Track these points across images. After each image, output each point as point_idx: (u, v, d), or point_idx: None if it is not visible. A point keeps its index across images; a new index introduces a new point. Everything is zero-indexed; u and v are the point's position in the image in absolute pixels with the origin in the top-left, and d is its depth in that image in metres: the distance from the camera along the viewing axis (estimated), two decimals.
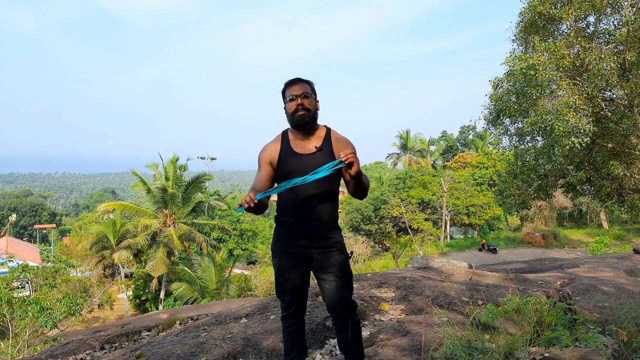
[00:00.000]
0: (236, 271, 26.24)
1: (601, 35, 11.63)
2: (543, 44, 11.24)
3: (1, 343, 8.21)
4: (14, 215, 47.96)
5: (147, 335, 5.04)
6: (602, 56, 10.48)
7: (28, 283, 14.94)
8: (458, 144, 59.74)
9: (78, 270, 22.78)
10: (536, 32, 11.98)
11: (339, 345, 2.57)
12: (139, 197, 24.88)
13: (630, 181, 12.55)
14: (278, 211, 2.44)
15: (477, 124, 33.37)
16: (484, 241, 32.94)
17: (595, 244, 22.42)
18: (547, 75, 10.50)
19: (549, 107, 10.59)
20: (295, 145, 2.38)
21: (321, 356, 3.39)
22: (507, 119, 12.75)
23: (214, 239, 26.14)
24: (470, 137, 58.47)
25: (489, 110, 12.83)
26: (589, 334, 2.76)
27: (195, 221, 23.07)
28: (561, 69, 10.78)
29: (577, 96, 10.45)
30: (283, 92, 2.40)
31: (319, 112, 2.43)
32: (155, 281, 22.68)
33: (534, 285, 5.38)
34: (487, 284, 5.30)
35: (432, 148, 57.67)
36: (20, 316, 7.18)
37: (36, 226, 50.76)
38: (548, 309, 3.00)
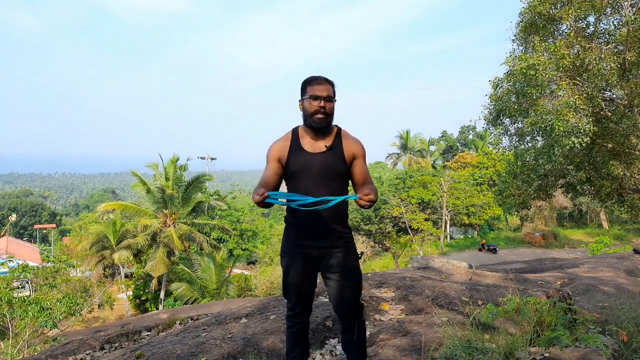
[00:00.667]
0: (236, 271, 26.21)
1: (601, 35, 11.63)
2: (543, 44, 11.24)
3: (1, 343, 8.21)
4: (14, 215, 47.87)
5: (147, 335, 5.05)
6: (602, 56, 10.48)
7: (28, 283, 14.93)
8: (458, 144, 59.74)
9: (78, 270, 22.79)
10: (536, 32, 11.98)
11: (343, 345, 2.56)
12: (139, 197, 24.88)
13: (630, 181, 12.54)
14: (288, 212, 2.42)
15: (477, 124, 33.40)
16: (484, 241, 32.95)
17: (595, 244, 22.44)
18: (547, 75, 10.49)
19: (549, 107, 10.58)
20: (305, 144, 2.34)
21: (321, 356, 3.39)
22: (507, 119, 12.76)
23: (214, 239, 26.15)
24: (470, 137, 58.46)
25: (489, 110, 12.83)
26: (589, 334, 2.76)
27: (195, 221, 23.08)
28: (561, 69, 10.78)
29: (577, 96, 10.44)
30: (304, 86, 2.33)
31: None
32: (155, 281, 22.69)
33: (534, 285, 5.38)
34: (487, 284, 5.30)
35: (432, 148, 57.68)
36: (20, 316, 7.19)
37: (36, 226, 50.66)
38: (548, 309, 3.00)
